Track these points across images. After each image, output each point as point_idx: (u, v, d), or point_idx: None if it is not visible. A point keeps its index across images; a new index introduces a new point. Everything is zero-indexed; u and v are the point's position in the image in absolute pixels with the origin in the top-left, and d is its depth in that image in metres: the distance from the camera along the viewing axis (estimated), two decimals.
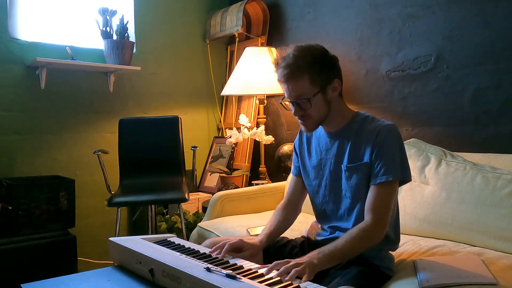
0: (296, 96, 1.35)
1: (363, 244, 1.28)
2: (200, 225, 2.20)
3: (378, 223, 1.29)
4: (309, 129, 1.41)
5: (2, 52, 2.53)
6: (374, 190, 1.32)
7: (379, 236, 1.30)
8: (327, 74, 1.36)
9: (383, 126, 1.35)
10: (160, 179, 2.56)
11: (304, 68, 1.32)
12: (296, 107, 1.37)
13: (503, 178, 1.63)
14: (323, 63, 1.36)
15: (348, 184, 1.39)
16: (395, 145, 1.33)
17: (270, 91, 2.68)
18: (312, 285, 1.03)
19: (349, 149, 1.38)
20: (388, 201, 1.31)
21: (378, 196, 1.30)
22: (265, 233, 1.46)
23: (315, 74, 1.33)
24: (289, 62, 1.32)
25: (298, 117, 1.38)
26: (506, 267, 1.41)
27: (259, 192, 2.44)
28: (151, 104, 3.11)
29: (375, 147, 1.32)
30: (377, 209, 1.30)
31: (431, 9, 2.16)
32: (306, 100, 1.33)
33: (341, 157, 1.40)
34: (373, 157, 1.33)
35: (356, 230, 1.28)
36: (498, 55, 1.93)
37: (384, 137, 1.32)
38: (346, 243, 1.26)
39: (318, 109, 1.36)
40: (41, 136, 2.68)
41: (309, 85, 1.33)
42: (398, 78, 2.32)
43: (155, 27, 3.13)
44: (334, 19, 2.66)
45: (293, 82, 1.33)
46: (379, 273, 1.36)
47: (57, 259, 2.32)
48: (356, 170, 1.36)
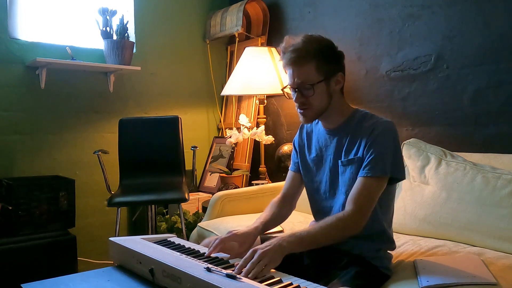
0: (300, 82, 1.34)
1: (338, 233, 1.27)
2: (200, 225, 2.20)
3: (357, 214, 1.27)
4: (308, 119, 1.41)
5: (2, 52, 2.53)
6: (359, 182, 1.31)
7: (356, 227, 1.28)
8: (333, 66, 1.37)
9: (379, 123, 1.35)
10: (160, 179, 2.56)
11: (311, 54, 1.33)
12: (298, 93, 1.36)
13: (503, 178, 1.63)
14: (330, 53, 1.37)
15: (343, 179, 1.39)
16: (388, 141, 1.32)
17: (270, 91, 2.68)
18: (312, 285, 1.02)
19: (347, 145, 1.39)
20: (372, 195, 1.30)
21: (362, 188, 1.29)
22: (260, 221, 1.44)
23: (321, 62, 1.34)
24: (298, 47, 1.33)
25: (298, 105, 1.38)
26: (506, 267, 1.41)
27: (259, 192, 2.44)
28: (151, 104, 3.11)
29: (368, 141, 1.32)
30: (359, 201, 1.28)
31: (431, 9, 2.16)
32: (310, 86, 1.33)
33: (339, 153, 1.40)
34: (365, 151, 1.33)
35: (333, 218, 1.27)
36: (498, 55, 1.93)
37: (378, 133, 1.32)
38: (320, 230, 1.25)
39: (319, 98, 1.35)
40: (41, 136, 2.68)
41: (314, 72, 1.33)
42: (398, 78, 2.32)
43: (155, 27, 3.14)
44: (334, 19, 2.66)
45: (299, 66, 1.34)
46: (378, 273, 1.36)
47: (57, 259, 2.32)
48: (349, 164, 1.36)
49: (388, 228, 1.42)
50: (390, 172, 1.31)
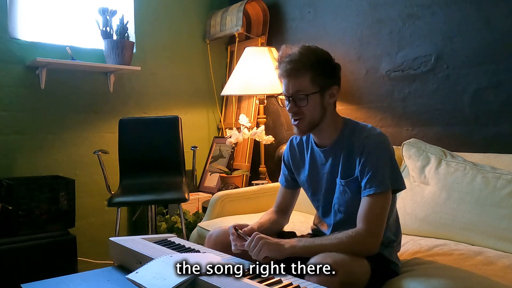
0: (294, 91, 1.34)
1: (347, 251, 1.23)
2: (200, 225, 2.20)
3: (370, 234, 1.25)
4: (301, 131, 1.39)
5: (2, 52, 2.53)
6: (364, 201, 1.30)
7: (371, 248, 1.26)
8: (328, 79, 1.36)
9: (369, 138, 1.33)
10: (160, 179, 2.55)
11: (307, 66, 1.32)
12: (291, 103, 1.35)
13: (503, 178, 1.63)
14: (326, 66, 1.36)
15: (342, 199, 1.38)
16: (381, 156, 1.31)
17: (270, 91, 2.68)
18: (312, 285, 1.03)
19: (342, 164, 1.37)
20: (380, 212, 1.28)
21: (369, 207, 1.28)
22: (257, 222, 1.47)
23: (317, 74, 1.33)
24: (294, 58, 1.32)
25: (292, 114, 1.37)
26: (506, 267, 1.41)
27: (259, 192, 2.44)
28: (151, 104, 3.11)
29: (361, 159, 1.31)
30: (370, 219, 1.26)
31: (431, 9, 2.16)
32: (304, 96, 1.33)
33: (335, 171, 1.39)
34: (360, 170, 1.32)
35: (346, 238, 1.25)
36: (498, 55, 1.93)
37: (370, 150, 1.31)
38: (333, 247, 1.23)
39: (313, 109, 1.34)
40: (41, 136, 2.68)
41: (309, 83, 1.32)
42: (398, 78, 2.32)
43: (155, 27, 3.13)
44: (334, 19, 2.66)
45: (294, 78, 1.33)
46: (389, 270, 1.36)
47: (57, 259, 2.32)
48: (349, 185, 1.36)
49: (391, 233, 1.42)
50: (390, 186, 1.30)
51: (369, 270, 1.25)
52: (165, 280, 1.00)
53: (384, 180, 1.28)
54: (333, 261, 1.13)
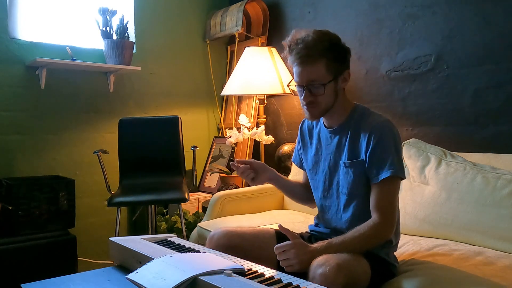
0: (309, 80, 1.32)
1: (371, 242, 1.28)
2: (200, 225, 2.20)
3: (386, 222, 1.28)
4: (315, 116, 1.39)
5: (2, 52, 2.53)
6: (376, 188, 1.31)
7: (387, 235, 1.30)
8: (341, 64, 1.35)
9: (377, 124, 1.33)
10: (160, 179, 2.55)
11: (322, 52, 1.29)
12: (306, 92, 1.33)
13: (503, 178, 1.63)
14: (339, 51, 1.35)
15: (345, 180, 1.38)
16: (390, 142, 1.32)
17: (270, 91, 2.68)
18: (312, 285, 1.03)
19: (348, 145, 1.38)
20: (392, 198, 1.31)
21: (381, 194, 1.30)
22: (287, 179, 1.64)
23: (331, 61, 1.31)
24: (308, 44, 1.29)
25: (306, 103, 1.35)
26: (506, 267, 1.41)
27: (259, 192, 2.44)
28: (151, 104, 3.11)
29: (369, 145, 1.32)
30: (383, 207, 1.29)
31: (431, 9, 2.16)
32: (321, 86, 1.31)
33: (340, 153, 1.40)
34: (368, 156, 1.32)
35: (365, 228, 1.27)
36: (498, 55, 1.93)
37: (378, 137, 1.31)
38: (354, 240, 1.26)
39: (328, 97, 1.34)
40: (41, 136, 2.68)
41: (324, 71, 1.31)
42: (398, 78, 2.32)
43: (155, 27, 3.14)
44: (334, 19, 2.66)
45: (310, 65, 1.30)
46: (387, 271, 1.36)
47: (57, 259, 2.32)
48: (353, 166, 1.36)
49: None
50: (397, 172, 1.31)
51: (370, 269, 1.26)
52: (165, 280, 1.00)
53: (395, 166, 1.29)
54: (337, 262, 1.14)
